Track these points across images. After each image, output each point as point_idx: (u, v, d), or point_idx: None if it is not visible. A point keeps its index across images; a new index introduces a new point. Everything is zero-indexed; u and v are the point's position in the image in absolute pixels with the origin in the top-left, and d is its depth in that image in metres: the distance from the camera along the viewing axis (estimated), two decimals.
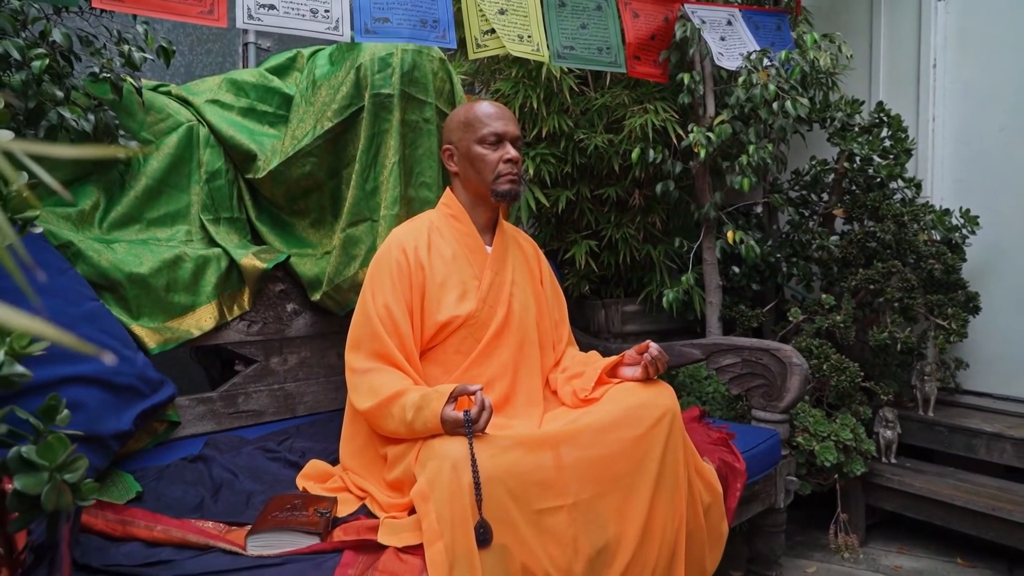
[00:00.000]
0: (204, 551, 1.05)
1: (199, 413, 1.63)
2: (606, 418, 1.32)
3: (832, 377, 2.07)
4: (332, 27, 1.37)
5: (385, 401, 1.24)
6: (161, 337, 1.52)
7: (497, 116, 1.45)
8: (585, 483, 1.24)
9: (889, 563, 2.08)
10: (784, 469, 1.86)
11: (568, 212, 2.39)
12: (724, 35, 2.06)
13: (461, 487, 1.08)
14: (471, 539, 1.06)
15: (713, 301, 2.28)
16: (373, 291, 1.36)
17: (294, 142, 1.76)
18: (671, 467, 1.36)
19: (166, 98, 1.79)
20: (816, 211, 2.46)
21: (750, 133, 1.98)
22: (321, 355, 1.86)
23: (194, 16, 1.36)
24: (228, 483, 1.33)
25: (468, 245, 1.45)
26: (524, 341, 1.47)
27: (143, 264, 1.53)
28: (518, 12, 1.59)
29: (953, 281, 2.19)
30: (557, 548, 1.17)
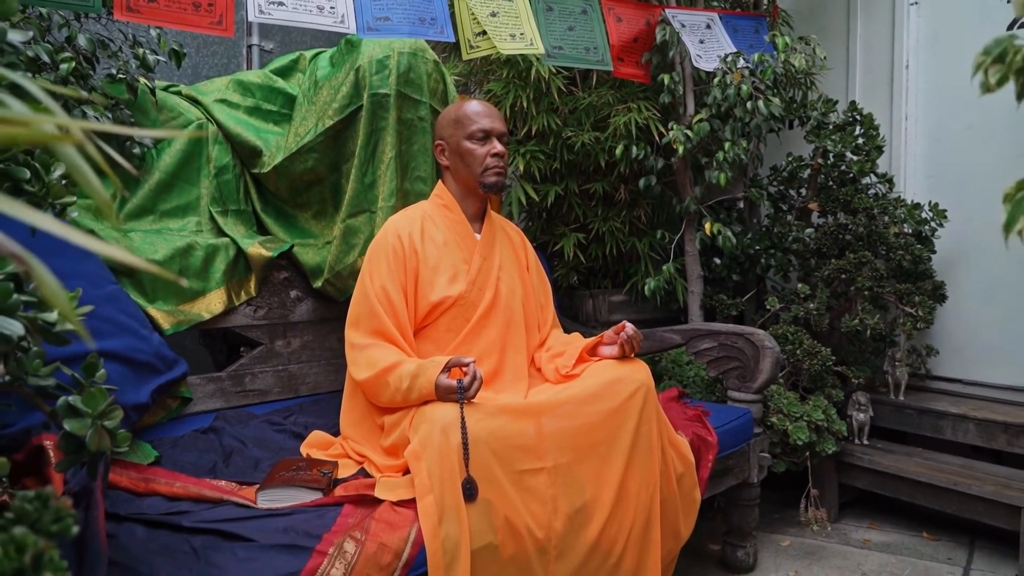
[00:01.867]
0: (218, 504, 1.17)
1: (209, 391, 1.75)
2: (584, 392, 1.44)
3: (805, 361, 2.19)
4: (338, 21, 1.49)
5: (381, 372, 1.36)
6: (175, 319, 1.64)
7: (485, 114, 1.57)
8: (564, 450, 1.36)
9: (859, 537, 2.21)
10: (757, 446, 1.98)
11: (557, 206, 2.51)
12: (703, 38, 2.18)
13: (450, 447, 1.20)
14: (458, 494, 1.18)
15: (694, 291, 2.40)
16: (371, 274, 1.48)
17: (297, 139, 1.88)
18: (645, 437, 1.48)
19: (177, 98, 1.91)
20: (793, 205, 2.58)
21: (727, 131, 2.10)
22: (322, 339, 1.98)
23: (205, 27, 1.48)
24: (238, 450, 1.45)
25: (458, 232, 1.57)
26: (510, 321, 1.59)
27: (158, 252, 1.65)
28: (509, 14, 1.71)
29: (921, 271, 2.31)
30: (538, 505, 1.29)
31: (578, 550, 1.35)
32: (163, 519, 1.08)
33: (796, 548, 2.14)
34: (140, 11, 1.44)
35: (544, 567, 1.30)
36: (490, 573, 1.22)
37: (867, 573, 1.97)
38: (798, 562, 2.05)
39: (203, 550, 0.99)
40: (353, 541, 1.05)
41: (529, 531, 1.26)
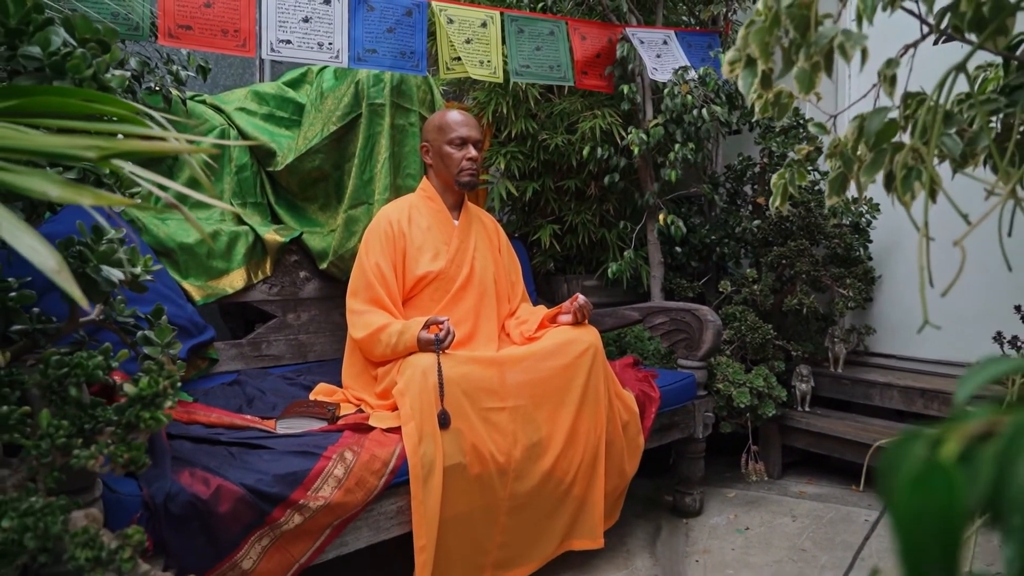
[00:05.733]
0: (246, 429, 1.49)
1: (231, 355, 2.07)
2: (542, 349, 1.76)
3: (748, 335, 2.50)
4: (334, 56, 1.81)
5: (375, 331, 1.68)
6: (204, 292, 1.97)
7: (463, 123, 1.89)
8: (524, 395, 1.68)
9: (796, 490, 2.52)
10: (702, 406, 2.29)
11: (535, 201, 2.83)
12: (660, 53, 2.49)
13: (428, 386, 1.52)
14: (435, 422, 1.50)
15: (656, 275, 2.71)
16: (367, 252, 1.80)
17: (306, 142, 2.20)
18: (593, 388, 1.80)
19: (203, 106, 2.24)
20: (746, 199, 2.90)
21: (678, 134, 2.41)
22: (327, 314, 2.30)
23: (231, 49, 1.80)
24: (258, 397, 1.77)
25: (440, 219, 1.90)
26: (484, 293, 1.91)
27: (190, 236, 1.97)
28: (482, 41, 2.03)
29: (854, 258, 2.63)
30: (500, 437, 1.61)
31: (534, 476, 1.66)
32: (205, 436, 1.40)
33: (740, 498, 2.45)
34: (179, 37, 1.77)
35: (504, 486, 1.61)
36: (460, 487, 1.53)
37: (796, 516, 2.28)
38: (739, 508, 2.36)
39: (238, 453, 1.31)
40: (351, 452, 1.37)
41: (492, 456, 1.58)
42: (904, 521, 0.20)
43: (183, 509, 1.12)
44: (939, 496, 0.20)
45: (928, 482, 0.20)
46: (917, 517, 0.20)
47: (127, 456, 0.74)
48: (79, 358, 0.80)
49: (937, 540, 0.20)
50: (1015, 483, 0.19)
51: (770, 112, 0.86)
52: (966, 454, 0.21)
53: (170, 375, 0.83)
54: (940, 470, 0.20)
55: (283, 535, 1.24)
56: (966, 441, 0.21)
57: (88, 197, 0.55)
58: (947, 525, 0.20)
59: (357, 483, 1.34)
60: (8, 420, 0.81)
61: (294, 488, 1.25)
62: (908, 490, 0.20)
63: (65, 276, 0.54)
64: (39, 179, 0.56)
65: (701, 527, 2.22)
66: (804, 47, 0.68)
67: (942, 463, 0.21)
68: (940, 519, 0.20)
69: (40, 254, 0.54)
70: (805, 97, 0.77)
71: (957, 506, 0.20)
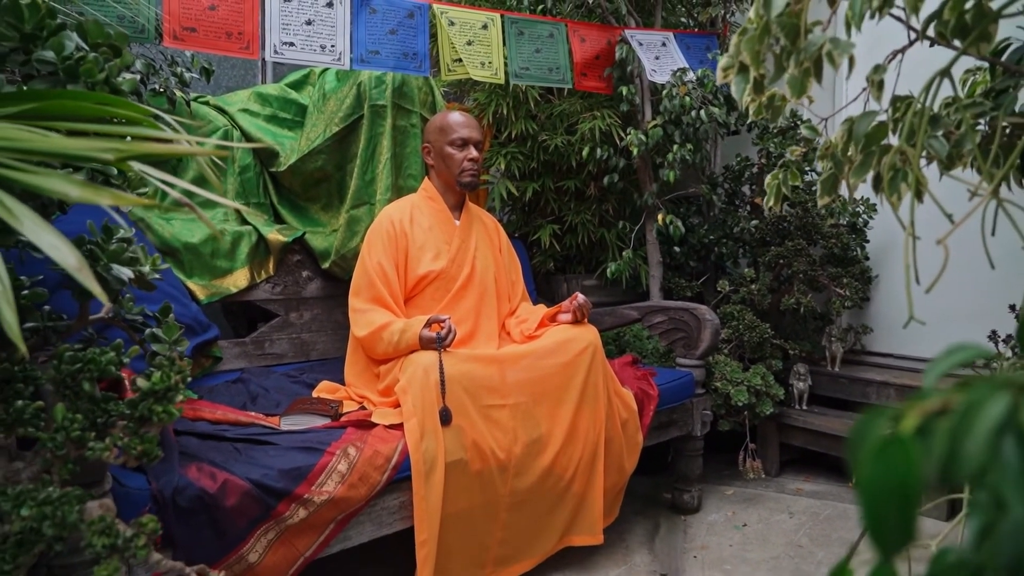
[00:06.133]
0: (251, 426, 1.52)
1: (235, 353, 2.10)
2: (542, 348, 1.79)
3: (746, 334, 2.52)
4: (336, 59, 1.84)
5: (377, 329, 1.71)
6: (208, 291, 1.99)
7: (464, 124, 1.91)
8: (524, 393, 1.70)
9: (793, 487, 2.55)
10: (700, 405, 2.32)
11: (535, 201, 2.85)
12: (659, 55, 2.52)
13: (430, 383, 1.54)
14: (436, 419, 1.53)
15: (655, 275, 2.74)
16: (369, 252, 1.83)
17: (308, 142, 2.23)
18: (592, 386, 1.82)
19: (207, 108, 2.26)
20: (745, 200, 2.92)
21: (676, 135, 2.43)
22: (329, 313, 2.32)
23: (235, 51, 1.82)
24: (262, 395, 1.80)
25: (441, 219, 1.92)
26: (484, 292, 1.93)
27: (194, 236, 1.99)
28: (483, 43, 2.06)
29: (851, 257, 2.65)
30: (500, 434, 1.64)
31: (534, 472, 1.69)
32: (210, 432, 1.42)
33: (737, 496, 2.48)
34: (184, 39, 1.79)
35: (505, 483, 1.64)
36: (461, 483, 1.56)
37: (793, 513, 2.31)
38: (737, 505, 2.39)
39: (243, 449, 1.33)
40: (355, 448, 1.40)
41: (493, 452, 1.60)
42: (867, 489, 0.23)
43: (191, 503, 1.14)
44: (898, 466, 0.22)
45: (888, 454, 0.22)
46: (879, 485, 0.22)
47: (140, 448, 0.77)
48: (92, 354, 0.82)
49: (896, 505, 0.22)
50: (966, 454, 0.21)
51: (763, 115, 0.89)
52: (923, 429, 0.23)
53: (181, 370, 0.85)
54: (899, 443, 0.23)
55: (288, 529, 1.26)
56: (923, 417, 0.23)
57: (107, 197, 0.57)
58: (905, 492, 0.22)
59: (360, 478, 1.36)
60: (23, 414, 0.84)
61: (299, 483, 1.27)
62: (871, 461, 0.23)
63: (86, 273, 0.56)
64: (60, 180, 0.58)
65: (699, 524, 2.24)
66: (794, 54, 0.70)
67: (901, 437, 0.23)
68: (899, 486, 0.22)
69: (61, 252, 0.57)
70: (797, 101, 0.80)
71: (914, 475, 0.22)
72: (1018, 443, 0.20)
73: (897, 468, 0.22)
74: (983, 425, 0.21)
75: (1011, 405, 0.21)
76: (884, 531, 0.22)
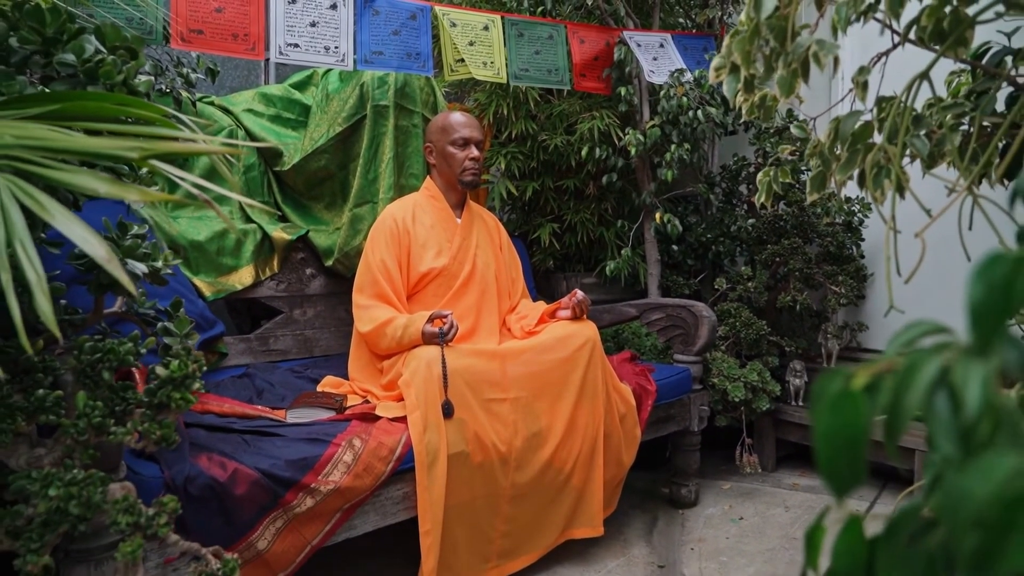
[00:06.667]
0: (257, 419, 1.55)
1: (240, 349, 2.13)
2: (542, 343, 1.82)
3: (742, 331, 2.56)
4: (340, 60, 1.87)
5: (381, 325, 1.74)
6: (214, 288, 2.03)
7: (465, 124, 1.95)
8: (524, 387, 1.74)
9: (790, 482, 2.59)
10: (697, 400, 2.35)
11: (535, 200, 2.89)
12: (656, 56, 2.56)
13: (433, 377, 1.58)
14: (439, 412, 1.56)
15: (653, 272, 2.77)
16: (373, 249, 1.86)
17: (312, 142, 2.26)
18: (591, 381, 1.86)
19: (212, 108, 2.29)
20: (742, 199, 2.96)
21: (674, 135, 2.47)
22: (332, 310, 2.36)
23: (241, 52, 1.86)
24: (268, 389, 1.83)
25: (443, 217, 1.96)
26: (485, 289, 1.97)
27: (200, 234, 2.03)
28: (484, 43, 2.10)
29: (846, 256, 2.69)
30: (501, 427, 1.67)
31: (534, 465, 1.72)
32: (218, 425, 1.46)
33: (735, 490, 2.52)
34: (191, 41, 1.83)
35: (506, 475, 1.67)
36: (463, 475, 1.60)
37: (789, 507, 2.34)
38: (734, 499, 2.42)
39: (252, 440, 1.37)
40: (360, 439, 1.44)
41: (494, 445, 1.64)
42: (823, 436, 0.26)
43: (202, 491, 1.18)
44: (849, 415, 0.26)
45: (841, 406, 0.26)
46: (832, 433, 0.26)
47: (159, 434, 0.80)
48: (111, 344, 0.86)
49: (846, 448, 0.25)
50: (905, 406, 0.25)
51: (755, 114, 0.92)
52: (872, 386, 0.27)
53: (197, 359, 0.89)
54: (850, 397, 0.26)
55: (296, 517, 1.30)
56: (872, 377, 0.27)
57: (134, 193, 0.61)
58: (854, 438, 0.26)
59: (365, 469, 1.40)
60: (44, 403, 0.87)
61: (306, 473, 1.31)
62: (826, 411, 0.26)
63: (114, 264, 0.60)
64: (89, 177, 0.62)
65: (696, 517, 2.28)
66: (783, 55, 0.74)
67: (852, 392, 0.26)
68: (849, 433, 0.26)
69: (91, 244, 0.60)
70: (786, 101, 0.83)
71: (862, 423, 0.26)
72: (948, 397, 0.24)
73: (848, 418, 0.26)
74: (920, 382, 0.24)
75: (943, 366, 0.24)
76: (837, 472, 0.26)
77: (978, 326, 0.23)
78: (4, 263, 0.58)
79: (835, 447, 0.26)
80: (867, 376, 0.27)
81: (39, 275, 0.57)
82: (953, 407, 0.23)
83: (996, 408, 0.22)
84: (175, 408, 0.83)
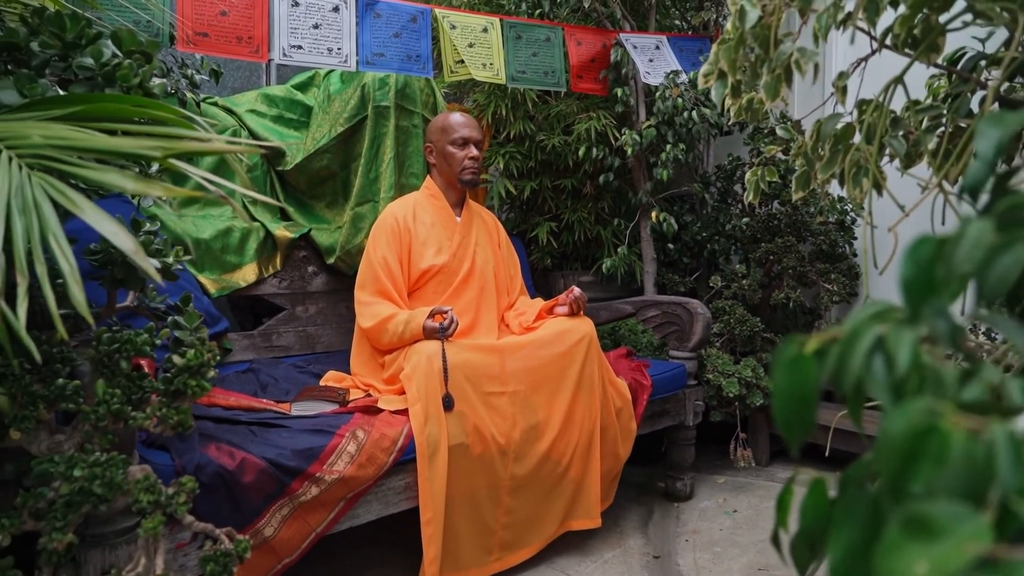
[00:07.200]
0: (263, 411, 1.60)
1: (243, 345, 2.17)
2: (540, 339, 1.87)
3: (737, 328, 2.61)
4: (343, 61, 1.92)
5: (382, 320, 1.79)
6: (219, 285, 2.07)
7: (465, 124, 2.00)
8: (522, 381, 1.78)
9: (784, 476, 2.63)
10: (692, 395, 2.40)
11: (533, 199, 2.93)
12: (652, 57, 2.60)
13: (433, 371, 1.62)
14: (439, 405, 1.61)
15: (649, 271, 2.82)
16: (374, 247, 1.91)
17: (314, 142, 2.31)
18: (588, 376, 1.90)
19: (215, 108, 2.34)
20: (736, 198, 3.01)
21: (669, 135, 2.52)
22: (334, 307, 2.40)
23: (245, 55, 1.90)
24: (272, 384, 1.88)
25: (443, 216, 2.00)
26: (484, 286, 2.02)
27: (205, 232, 2.07)
28: (484, 45, 2.14)
29: (839, 254, 2.74)
30: (500, 419, 1.72)
31: (532, 457, 1.77)
32: (225, 417, 1.50)
33: (729, 484, 2.56)
34: (197, 44, 1.87)
35: (505, 466, 1.72)
36: (463, 466, 1.64)
37: None
38: (728, 493, 2.47)
39: (258, 431, 1.41)
40: (363, 430, 1.48)
41: (493, 437, 1.68)
42: (779, 392, 0.30)
43: (211, 479, 1.22)
44: (801, 376, 0.30)
45: (794, 367, 0.30)
46: (786, 391, 0.30)
47: (176, 419, 0.85)
48: (128, 335, 0.90)
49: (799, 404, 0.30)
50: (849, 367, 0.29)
51: (744, 116, 0.97)
52: (821, 351, 0.31)
53: (212, 349, 0.93)
54: (803, 360, 0.30)
55: (301, 505, 1.34)
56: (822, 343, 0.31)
57: (159, 190, 0.66)
58: (805, 395, 0.30)
59: (368, 459, 1.44)
60: (64, 391, 0.92)
61: (311, 462, 1.35)
62: (782, 372, 0.30)
63: (141, 256, 0.64)
64: (117, 175, 0.66)
65: (691, 510, 2.33)
66: (767, 62, 0.78)
67: (804, 355, 0.31)
68: (801, 390, 0.30)
69: (120, 237, 0.65)
70: (772, 104, 0.88)
71: (810, 382, 0.30)
72: (885, 360, 0.28)
73: (800, 378, 0.30)
74: (861, 348, 0.29)
75: (880, 334, 0.29)
76: (790, 424, 0.30)
77: (908, 298, 0.27)
78: (39, 255, 0.62)
79: (789, 403, 0.30)
80: (817, 343, 0.32)
81: (72, 266, 0.61)
82: (888, 367, 0.27)
83: (922, 366, 0.26)
84: (191, 395, 0.87)
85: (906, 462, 0.23)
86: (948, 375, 0.26)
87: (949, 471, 0.22)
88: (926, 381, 0.26)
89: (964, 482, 0.22)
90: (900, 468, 0.23)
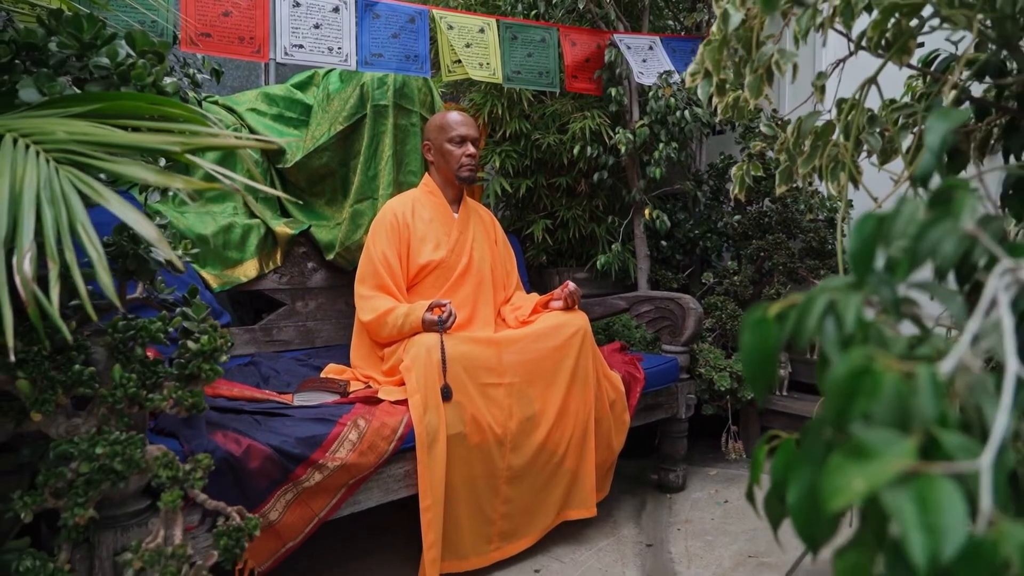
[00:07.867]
0: (266, 402, 1.64)
1: (245, 339, 2.21)
2: (535, 332, 1.91)
3: (728, 323, 2.66)
4: (343, 60, 1.96)
5: (382, 314, 1.83)
6: (221, 280, 2.11)
7: (462, 123, 2.04)
8: (518, 373, 1.83)
9: None
10: (684, 389, 2.45)
11: (528, 197, 2.98)
12: (646, 58, 2.65)
13: (432, 362, 1.67)
14: (438, 395, 1.65)
15: (643, 267, 2.87)
16: (374, 242, 1.95)
17: (313, 140, 2.35)
18: (582, 368, 1.95)
19: (216, 107, 2.38)
20: (728, 196, 3.06)
21: (662, 134, 2.57)
22: (333, 302, 2.44)
23: (247, 55, 1.94)
24: (273, 376, 1.92)
25: (441, 212, 2.05)
26: (481, 281, 2.06)
27: (207, 228, 2.11)
28: (480, 45, 2.19)
29: (828, 251, 2.80)
30: (497, 410, 1.76)
31: (529, 447, 1.82)
32: (229, 407, 1.54)
33: (720, 476, 2.62)
34: (199, 44, 1.91)
35: (502, 456, 1.76)
36: (461, 455, 1.68)
37: None
38: (720, 484, 2.52)
39: (262, 420, 1.46)
40: (364, 419, 1.52)
41: (490, 427, 1.73)
42: (745, 350, 0.35)
43: (218, 464, 1.26)
44: (764, 336, 0.35)
45: (758, 328, 0.35)
46: (751, 349, 0.35)
47: (191, 401, 0.89)
48: (143, 322, 0.95)
49: (762, 361, 0.34)
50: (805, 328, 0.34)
51: (730, 114, 1.02)
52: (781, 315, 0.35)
53: (224, 335, 0.97)
54: (765, 322, 0.35)
55: (305, 491, 1.39)
56: (783, 308, 0.36)
57: (179, 182, 0.70)
58: (767, 353, 0.35)
59: (369, 447, 1.49)
60: (81, 376, 0.96)
61: (314, 449, 1.40)
62: (747, 332, 0.35)
63: (163, 244, 0.69)
64: (139, 168, 0.71)
65: (683, 501, 2.38)
66: (750, 63, 0.83)
67: (766, 318, 0.35)
68: (763, 350, 0.35)
69: (143, 226, 0.69)
70: (756, 102, 0.93)
71: (772, 341, 0.35)
72: (835, 322, 0.33)
73: (763, 338, 0.35)
74: (815, 311, 0.33)
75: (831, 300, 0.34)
76: (755, 378, 0.35)
77: (855, 267, 0.31)
78: (68, 243, 0.67)
79: (754, 360, 0.35)
80: (779, 308, 0.36)
81: (100, 253, 0.66)
82: (838, 326, 0.32)
83: (866, 324, 0.31)
84: (204, 378, 0.91)
85: (847, 399, 0.28)
86: (886, 331, 0.31)
87: (882, 404, 0.27)
88: (869, 337, 0.31)
89: (894, 413, 0.27)
90: (842, 405, 0.28)
